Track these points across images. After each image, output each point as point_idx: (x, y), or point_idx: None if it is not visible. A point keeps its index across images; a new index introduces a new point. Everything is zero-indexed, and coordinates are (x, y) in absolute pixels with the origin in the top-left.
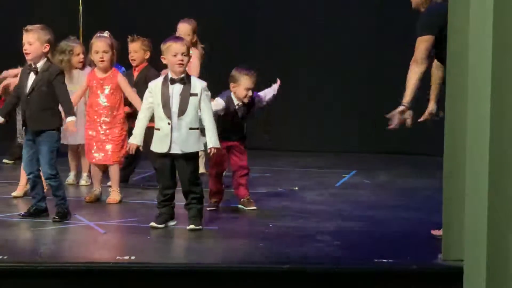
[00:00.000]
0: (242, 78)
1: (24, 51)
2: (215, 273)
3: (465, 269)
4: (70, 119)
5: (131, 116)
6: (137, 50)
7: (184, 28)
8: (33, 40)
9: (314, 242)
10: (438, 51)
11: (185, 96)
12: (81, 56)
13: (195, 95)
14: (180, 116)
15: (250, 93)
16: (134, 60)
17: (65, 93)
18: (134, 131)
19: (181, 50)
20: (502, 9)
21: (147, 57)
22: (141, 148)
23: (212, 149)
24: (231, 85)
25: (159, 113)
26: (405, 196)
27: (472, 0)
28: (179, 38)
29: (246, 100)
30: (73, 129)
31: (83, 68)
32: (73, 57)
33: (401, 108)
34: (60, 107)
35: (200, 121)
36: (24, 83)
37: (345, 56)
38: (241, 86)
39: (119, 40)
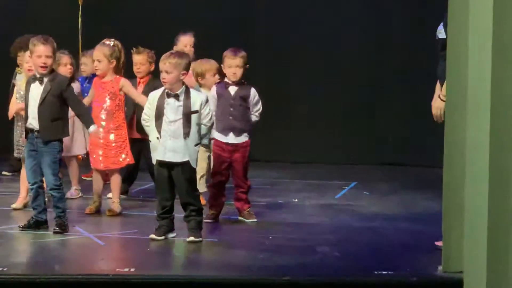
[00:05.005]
0: (225, 59)
1: (27, 66)
2: (215, 285)
3: (465, 281)
4: (93, 128)
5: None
6: (143, 62)
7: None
8: None
9: (313, 253)
10: None
11: (186, 113)
12: (69, 66)
13: (195, 112)
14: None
15: (235, 70)
16: (140, 72)
17: (80, 104)
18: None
19: (163, 68)
20: (501, 16)
21: (152, 69)
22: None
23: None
24: (222, 66)
25: (152, 125)
26: (405, 208)
27: (471, 9)
28: (165, 56)
29: (233, 78)
30: (95, 137)
31: (73, 80)
32: (60, 68)
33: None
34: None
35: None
36: (28, 93)
37: (346, 68)
38: (225, 65)
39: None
